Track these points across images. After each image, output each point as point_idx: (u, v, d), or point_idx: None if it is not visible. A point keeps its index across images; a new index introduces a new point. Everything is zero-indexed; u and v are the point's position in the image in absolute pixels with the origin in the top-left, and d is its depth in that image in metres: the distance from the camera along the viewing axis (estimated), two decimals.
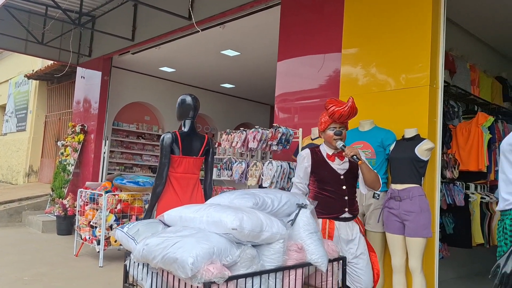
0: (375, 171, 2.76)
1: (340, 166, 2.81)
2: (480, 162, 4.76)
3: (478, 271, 5.64)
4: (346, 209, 2.80)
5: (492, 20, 5.63)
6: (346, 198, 2.79)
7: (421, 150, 3.53)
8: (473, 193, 4.95)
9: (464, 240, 4.77)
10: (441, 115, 3.94)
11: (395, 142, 3.77)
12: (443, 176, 4.45)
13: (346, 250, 2.82)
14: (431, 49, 3.85)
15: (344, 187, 2.79)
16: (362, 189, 2.83)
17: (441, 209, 4.42)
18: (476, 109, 5.40)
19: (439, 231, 4.36)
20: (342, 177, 2.79)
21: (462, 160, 4.82)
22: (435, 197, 3.82)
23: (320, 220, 2.80)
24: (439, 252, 4.13)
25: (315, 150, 2.89)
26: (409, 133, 3.69)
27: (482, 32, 6.09)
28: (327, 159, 2.83)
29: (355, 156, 2.60)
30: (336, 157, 2.81)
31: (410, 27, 4.00)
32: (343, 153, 2.68)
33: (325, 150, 2.87)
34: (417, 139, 3.62)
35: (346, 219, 2.81)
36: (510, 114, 6.10)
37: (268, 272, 2.40)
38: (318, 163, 2.84)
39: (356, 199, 2.91)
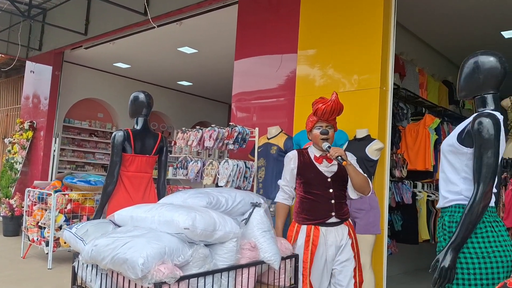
0: (364, 174, 2.60)
1: (327, 169, 2.66)
2: (427, 161, 4.99)
3: (424, 266, 5.91)
4: (333, 213, 2.63)
5: (440, 27, 5.91)
6: (333, 201, 2.62)
7: (371, 150, 3.65)
8: (420, 192, 5.18)
9: (412, 236, 4.99)
10: (391, 117, 4.10)
11: (347, 142, 3.87)
12: (392, 175, 4.63)
13: (336, 259, 2.65)
14: (382, 53, 3.99)
15: (331, 190, 2.63)
16: (351, 194, 2.65)
17: (390, 207, 4.59)
18: (424, 111, 5.65)
19: (388, 228, 4.54)
20: (329, 179, 2.64)
21: (410, 159, 5.03)
22: (384, 195, 3.97)
23: (304, 227, 2.65)
24: (388, 248, 4.30)
25: (302, 152, 2.75)
26: (361, 133, 3.81)
27: (430, 38, 6.38)
28: (314, 161, 2.68)
29: (339, 157, 2.46)
30: (324, 159, 2.66)
31: (362, 31, 4.12)
32: (328, 154, 2.55)
33: (313, 152, 2.72)
34: (367, 139, 3.74)
35: (333, 224, 2.63)
36: (455, 117, 6.43)
37: (220, 271, 2.41)
38: (305, 165, 2.69)
39: (346, 201, 2.74)
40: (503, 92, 1.99)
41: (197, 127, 4.92)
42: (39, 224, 5.49)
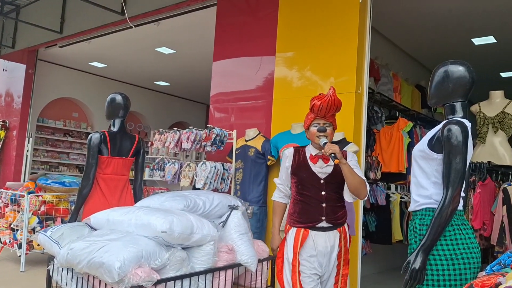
0: (361, 176, 2.41)
1: (322, 170, 2.49)
2: (400, 164, 5.11)
3: (397, 265, 6.04)
4: (323, 218, 2.45)
5: (413, 33, 6.07)
6: (324, 205, 2.45)
7: None
8: (393, 193, 5.30)
9: (385, 237, 5.10)
10: (366, 120, 4.19)
11: None
12: (367, 177, 4.72)
13: (324, 268, 2.47)
14: (357, 57, 4.07)
15: (323, 193, 2.46)
16: (346, 197, 2.44)
17: (364, 208, 4.69)
18: (397, 115, 5.78)
19: (363, 229, 4.64)
20: (322, 181, 2.47)
21: (384, 162, 5.14)
22: None
23: (294, 229, 2.48)
24: (362, 249, 4.39)
25: (299, 150, 2.60)
26: (337, 136, 3.87)
27: (404, 43, 6.55)
28: (309, 160, 2.52)
29: (333, 154, 2.29)
30: (319, 159, 2.50)
31: (339, 36, 4.20)
32: (322, 151, 2.39)
33: (310, 151, 2.56)
34: (343, 143, 3.80)
35: (324, 229, 2.46)
36: (427, 120, 6.61)
37: (197, 274, 2.43)
38: (299, 164, 2.54)
39: (343, 205, 2.55)
40: (474, 97, 2.07)
41: (175, 128, 4.91)
42: (12, 226, 5.37)
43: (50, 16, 7.79)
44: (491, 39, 6.16)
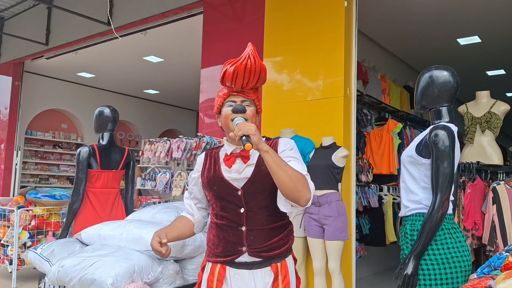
0: (301, 171, 1.57)
1: (239, 175, 1.67)
2: (391, 165, 5.14)
3: (392, 266, 6.08)
4: (244, 248, 1.66)
5: (400, 34, 6.13)
6: (244, 229, 1.66)
7: (337, 157, 3.73)
8: (386, 195, 5.32)
9: (379, 239, 5.11)
10: (355, 123, 4.20)
11: (314, 150, 3.95)
12: (358, 180, 4.74)
13: None
14: (344, 60, 4.10)
15: (241, 210, 1.67)
16: (281, 206, 1.61)
17: (357, 211, 4.70)
18: (387, 116, 5.81)
19: (356, 232, 4.65)
20: (239, 192, 1.67)
21: (375, 164, 5.17)
22: (351, 200, 4.06)
23: (209, 265, 1.74)
24: (356, 252, 4.40)
25: (212, 152, 1.80)
26: (326, 141, 3.89)
27: (391, 45, 6.60)
28: (222, 164, 1.72)
29: (244, 137, 1.51)
30: (238, 159, 1.69)
31: (326, 40, 4.22)
32: (231, 133, 1.60)
33: (225, 150, 1.76)
34: (333, 147, 3.82)
35: (248, 266, 1.67)
36: (417, 120, 6.66)
37: (191, 286, 2.42)
38: (209, 172, 1.74)
39: (281, 226, 1.73)
40: (461, 96, 2.10)
41: (165, 137, 4.90)
42: (2, 242, 5.30)
43: (35, 28, 7.74)
44: (476, 39, 6.24)
